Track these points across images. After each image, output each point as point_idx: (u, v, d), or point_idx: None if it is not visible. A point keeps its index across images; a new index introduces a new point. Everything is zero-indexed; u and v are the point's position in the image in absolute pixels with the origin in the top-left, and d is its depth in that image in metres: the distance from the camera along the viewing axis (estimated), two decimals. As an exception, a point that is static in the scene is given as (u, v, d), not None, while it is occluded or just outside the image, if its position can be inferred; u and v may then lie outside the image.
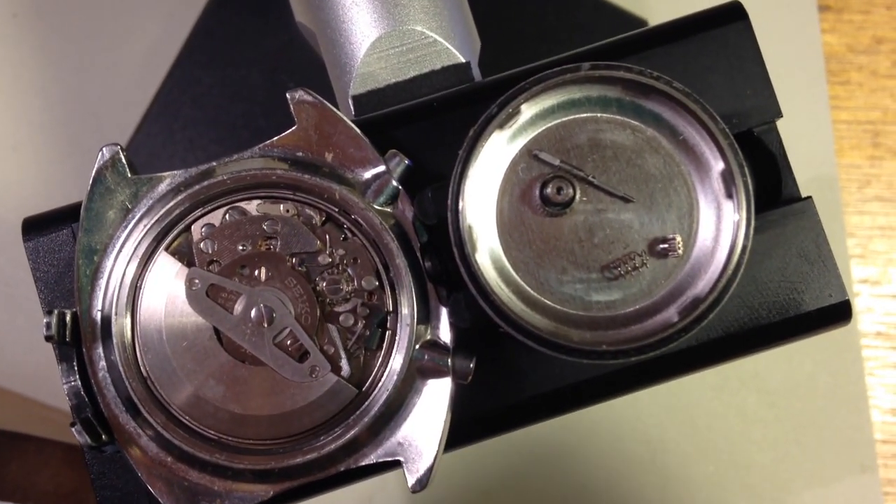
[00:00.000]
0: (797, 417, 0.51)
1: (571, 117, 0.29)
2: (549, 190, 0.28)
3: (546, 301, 0.28)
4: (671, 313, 0.28)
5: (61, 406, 0.50)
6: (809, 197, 0.31)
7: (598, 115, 0.29)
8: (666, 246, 0.28)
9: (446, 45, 0.34)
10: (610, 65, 0.28)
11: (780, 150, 0.32)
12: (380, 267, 0.30)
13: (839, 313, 0.31)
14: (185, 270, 0.29)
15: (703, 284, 0.28)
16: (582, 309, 0.28)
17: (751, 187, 0.28)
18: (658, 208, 0.29)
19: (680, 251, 0.28)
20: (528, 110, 0.29)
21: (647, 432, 0.50)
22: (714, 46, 0.32)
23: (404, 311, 0.29)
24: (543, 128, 0.29)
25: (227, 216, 0.30)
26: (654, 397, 0.50)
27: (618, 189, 0.29)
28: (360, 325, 0.29)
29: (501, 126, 0.28)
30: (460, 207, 0.28)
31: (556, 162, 0.29)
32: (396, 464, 0.29)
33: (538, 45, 0.51)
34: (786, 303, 0.31)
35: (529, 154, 0.29)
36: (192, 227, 0.30)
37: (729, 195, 0.28)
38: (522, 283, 0.28)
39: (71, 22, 0.53)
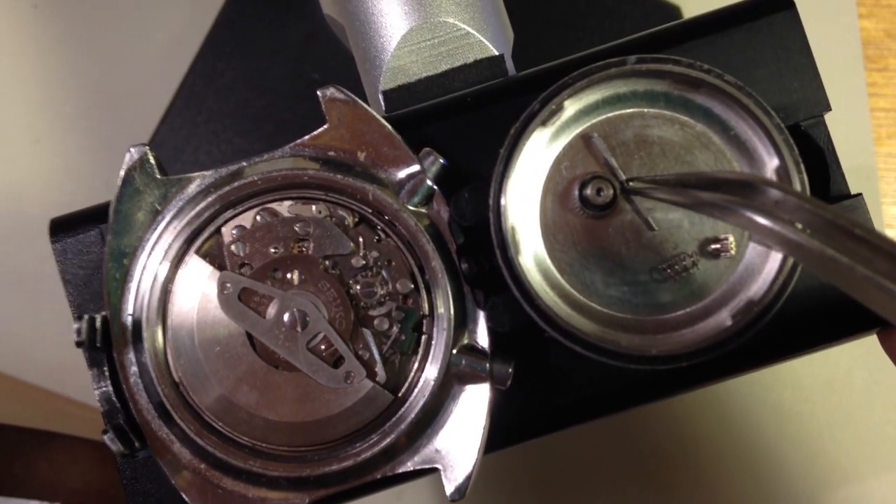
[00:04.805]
0: (833, 413, 0.50)
1: (617, 113, 0.28)
2: (588, 191, 0.27)
3: (592, 304, 0.27)
4: (724, 316, 0.27)
5: (89, 402, 0.49)
6: (860, 194, 0.30)
7: (645, 110, 0.28)
8: (718, 246, 0.27)
9: (479, 37, 0.33)
10: (658, 58, 0.27)
11: (828, 144, 0.30)
12: (415, 269, 0.29)
13: (892, 313, 0.30)
14: (216, 273, 0.29)
15: (757, 286, 0.27)
16: (630, 312, 0.27)
17: (807, 185, 0.27)
18: None
19: (732, 251, 0.27)
20: (571, 106, 0.28)
21: (678, 427, 0.50)
22: (760, 37, 0.30)
23: (441, 314, 0.28)
24: (587, 124, 0.28)
25: (258, 218, 0.29)
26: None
27: (665, 188, 0.28)
28: (395, 329, 0.29)
29: (544, 123, 0.27)
30: (503, 208, 0.27)
31: (606, 155, 0.27)
32: (433, 471, 0.29)
33: (567, 33, 0.50)
34: (838, 303, 0.30)
35: (574, 151, 0.28)
36: (223, 228, 0.29)
37: (783, 193, 0.27)
38: (567, 285, 0.27)
39: (92, 13, 0.53)
